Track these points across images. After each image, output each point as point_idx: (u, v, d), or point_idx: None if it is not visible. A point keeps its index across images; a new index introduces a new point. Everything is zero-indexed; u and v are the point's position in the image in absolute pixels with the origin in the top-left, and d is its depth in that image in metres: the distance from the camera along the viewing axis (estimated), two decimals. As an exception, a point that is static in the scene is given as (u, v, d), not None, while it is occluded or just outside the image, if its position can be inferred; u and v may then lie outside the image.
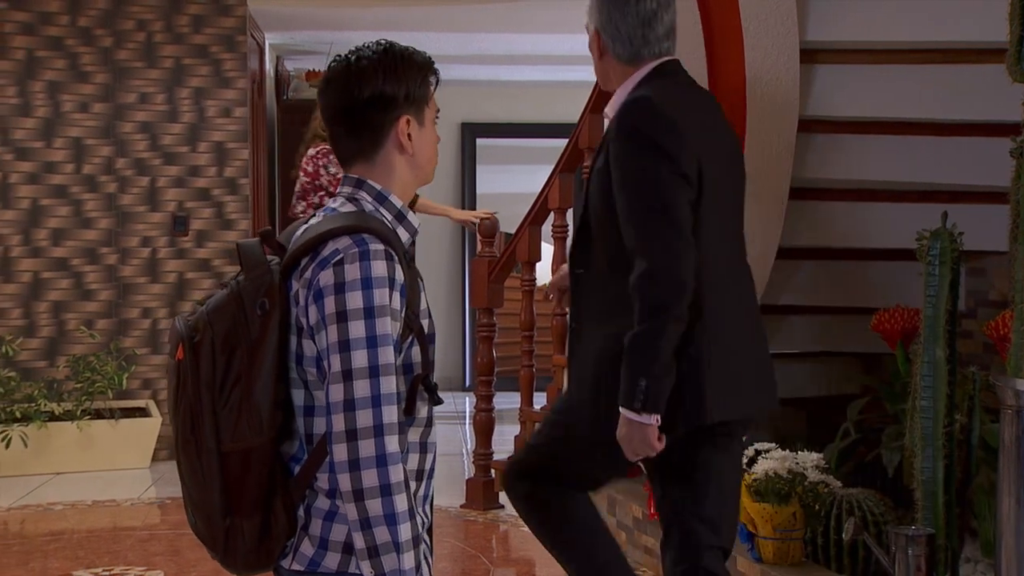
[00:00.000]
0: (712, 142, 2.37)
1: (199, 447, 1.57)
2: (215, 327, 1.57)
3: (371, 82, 1.65)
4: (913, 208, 3.41)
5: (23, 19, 5.47)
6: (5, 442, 5.08)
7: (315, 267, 1.57)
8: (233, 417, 1.56)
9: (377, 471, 1.52)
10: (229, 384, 1.56)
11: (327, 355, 1.56)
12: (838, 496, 3.02)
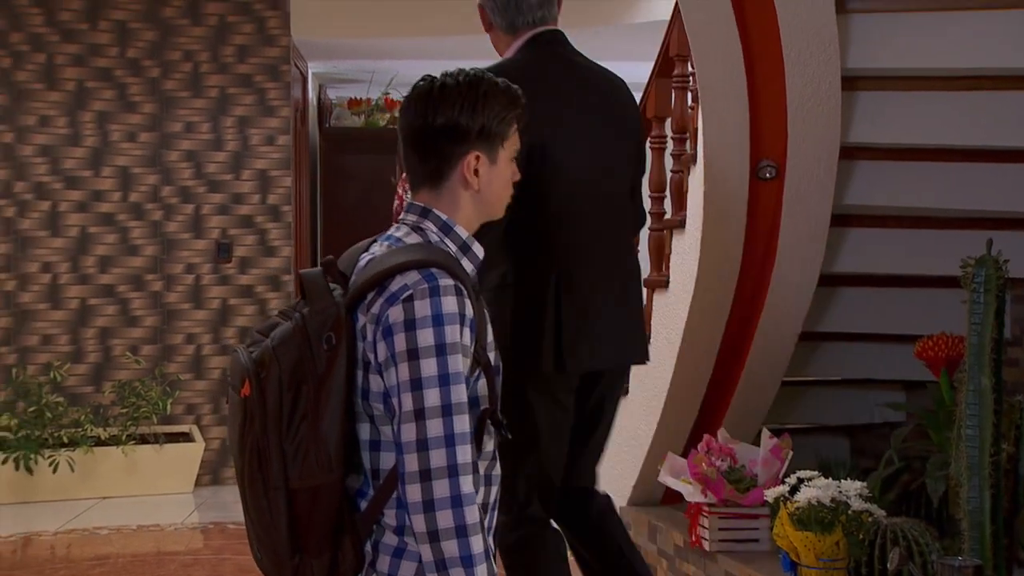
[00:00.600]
0: (571, 111, 2.44)
1: (266, 484, 1.54)
2: (281, 362, 1.54)
3: (447, 110, 1.62)
4: (957, 235, 3.39)
5: (74, 51, 5.59)
6: (53, 467, 5.16)
7: (384, 303, 1.54)
8: (301, 454, 1.52)
9: (452, 512, 1.50)
10: (296, 420, 1.53)
11: (397, 393, 1.53)
12: (882, 525, 2.99)
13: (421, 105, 1.64)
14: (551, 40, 2.51)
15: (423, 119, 1.63)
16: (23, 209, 5.54)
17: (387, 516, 1.58)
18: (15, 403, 5.35)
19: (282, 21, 5.75)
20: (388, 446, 1.57)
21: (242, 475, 1.57)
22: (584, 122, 2.48)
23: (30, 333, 5.54)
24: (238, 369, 1.57)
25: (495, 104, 1.64)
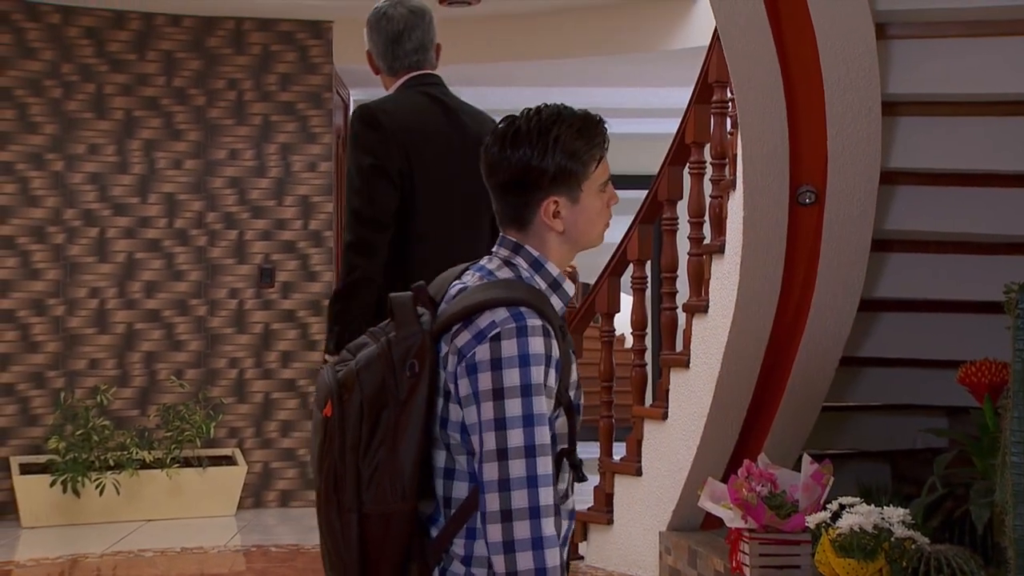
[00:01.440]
0: (433, 145, 2.76)
1: (340, 507, 1.54)
2: (364, 386, 1.54)
3: (518, 158, 1.62)
4: (1000, 260, 3.37)
5: (122, 80, 5.71)
6: (99, 489, 5.23)
7: (471, 339, 1.55)
8: (376, 479, 1.53)
9: (533, 554, 1.50)
10: (375, 445, 1.54)
11: (479, 431, 1.53)
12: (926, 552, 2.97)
13: (497, 151, 1.65)
14: (424, 82, 2.86)
15: (500, 163, 1.64)
16: (72, 236, 5.66)
17: (456, 546, 1.58)
18: (63, 426, 5.44)
19: (324, 50, 5.84)
20: (462, 475, 1.58)
21: (319, 495, 1.59)
22: (444, 154, 2.77)
23: (78, 357, 5.64)
24: (323, 388, 1.59)
25: (568, 145, 1.62)
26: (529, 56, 6.03)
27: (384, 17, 2.92)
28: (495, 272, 1.64)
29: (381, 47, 2.92)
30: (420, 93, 2.86)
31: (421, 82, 2.87)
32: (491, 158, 1.65)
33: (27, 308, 5.58)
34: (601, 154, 1.66)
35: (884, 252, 3.45)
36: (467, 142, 2.77)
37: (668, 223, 4.32)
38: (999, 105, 3.22)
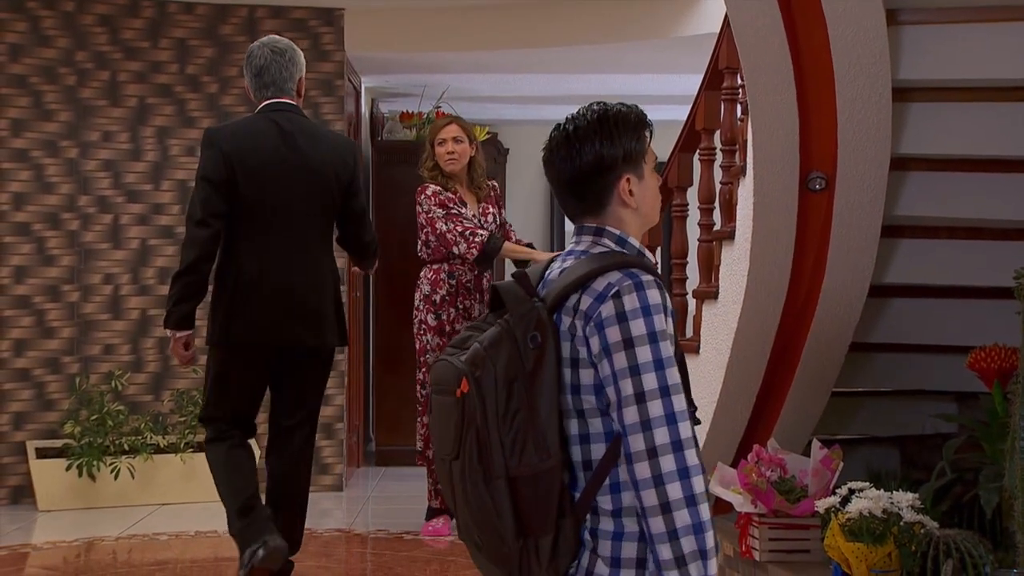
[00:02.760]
0: (283, 165, 3.50)
1: (488, 475, 1.66)
2: (495, 361, 1.67)
3: (590, 149, 1.78)
4: (1011, 246, 3.38)
5: (136, 68, 5.74)
6: (114, 473, 5.28)
7: (593, 301, 1.69)
8: (519, 444, 1.66)
9: (681, 483, 1.63)
10: (511, 413, 1.66)
11: (614, 381, 1.67)
12: (935, 537, 2.98)
13: (564, 151, 1.79)
14: (273, 109, 3.57)
15: (572, 164, 1.79)
16: (87, 222, 5.70)
17: (601, 502, 1.70)
18: (78, 411, 5.49)
19: (336, 37, 5.86)
20: (597, 438, 1.71)
21: (461, 470, 1.69)
22: (272, 168, 3.49)
23: (93, 343, 5.69)
24: (450, 372, 1.71)
25: (627, 128, 1.80)
26: (543, 43, 6.04)
27: (251, 55, 3.61)
28: (589, 252, 1.78)
29: (248, 80, 3.63)
30: (265, 118, 3.58)
31: (271, 109, 3.58)
32: (561, 159, 1.80)
33: (42, 294, 5.62)
34: (651, 132, 1.84)
35: (894, 238, 3.46)
36: (298, 159, 3.52)
37: (678, 209, 4.32)
38: (1011, 91, 3.22)
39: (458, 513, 1.75)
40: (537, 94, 7.32)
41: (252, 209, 3.47)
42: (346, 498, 5.66)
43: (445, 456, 1.74)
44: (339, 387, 5.84)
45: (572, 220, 1.85)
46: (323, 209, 3.56)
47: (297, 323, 3.53)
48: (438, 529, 4.74)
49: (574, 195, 1.81)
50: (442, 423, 1.73)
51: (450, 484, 1.74)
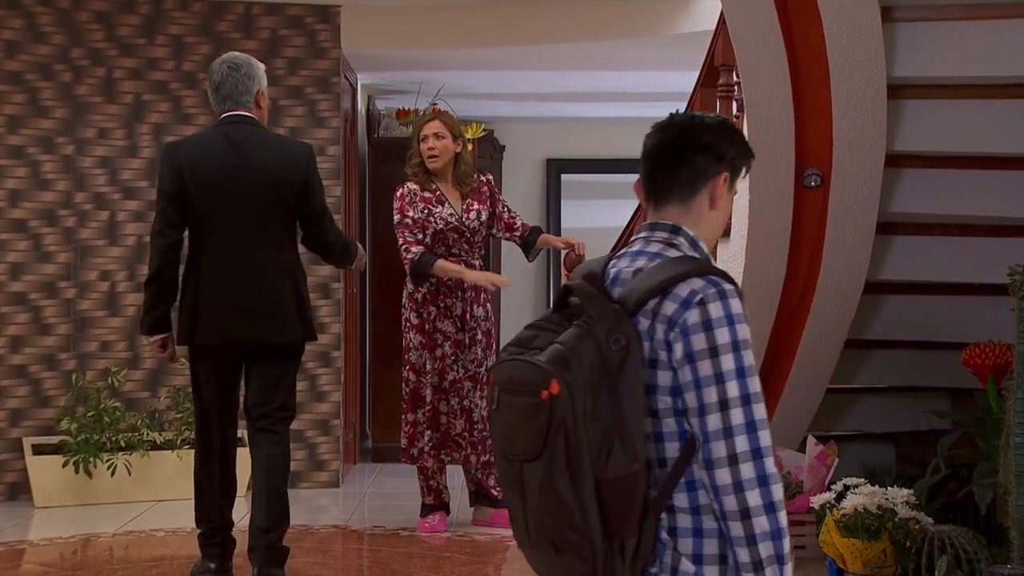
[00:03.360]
0: (231, 173, 3.74)
1: (575, 477, 1.66)
2: (583, 362, 1.67)
3: (711, 134, 1.81)
4: (1004, 243, 3.39)
5: (131, 65, 5.74)
6: (111, 470, 5.28)
7: (678, 307, 1.71)
8: (606, 447, 1.66)
9: (760, 491, 1.66)
10: (598, 416, 1.66)
11: (695, 388, 1.69)
12: (929, 533, 3.00)
13: (686, 126, 1.82)
14: (227, 121, 3.82)
15: (688, 136, 1.81)
16: (83, 219, 5.69)
17: (678, 500, 1.72)
18: (75, 408, 5.49)
19: (332, 34, 5.85)
20: (671, 436, 1.73)
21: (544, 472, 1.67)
22: (221, 176, 3.74)
23: (89, 340, 5.69)
24: (534, 373, 1.68)
25: (744, 145, 1.85)
26: (539, 40, 6.04)
27: (211, 71, 3.87)
28: (663, 253, 1.79)
29: (209, 94, 3.89)
30: (217, 130, 3.84)
31: (225, 121, 3.83)
32: (677, 133, 1.82)
33: (38, 291, 5.62)
34: (746, 170, 1.88)
35: (889, 235, 3.47)
36: (247, 167, 3.75)
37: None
38: (1005, 88, 3.23)
39: (527, 514, 1.72)
40: (533, 91, 7.32)
41: (207, 216, 3.73)
42: (342, 494, 5.66)
43: (516, 456, 1.71)
44: (335, 384, 5.84)
45: (653, 204, 1.83)
46: (277, 212, 3.78)
47: (254, 321, 3.73)
48: (434, 526, 4.74)
49: (671, 169, 1.81)
50: (517, 424, 1.70)
51: (519, 485, 1.72)
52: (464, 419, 4.65)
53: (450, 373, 4.65)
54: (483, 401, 4.66)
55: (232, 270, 3.74)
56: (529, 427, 1.68)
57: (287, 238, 3.83)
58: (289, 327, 3.77)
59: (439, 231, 4.64)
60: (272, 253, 3.77)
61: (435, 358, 4.64)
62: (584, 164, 8.20)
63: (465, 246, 4.69)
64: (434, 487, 4.77)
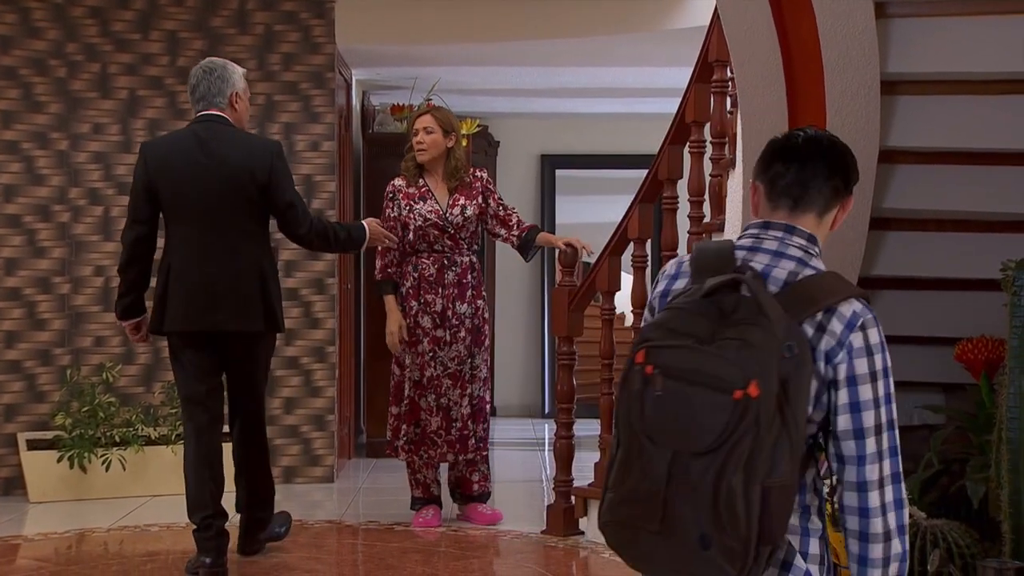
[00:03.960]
0: (195, 170, 3.94)
1: (749, 479, 1.65)
2: (771, 366, 1.67)
3: (852, 160, 1.90)
4: (998, 238, 3.40)
5: (126, 60, 5.73)
6: (105, 465, 5.29)
7: (844, 328, 1.76)
8: (779, 453, 1.67)
9: (899, 513, 1.77)
10: (777, 420, 1.68)
11: (855, 410, 1.75)
12: (922, 527, 3.01)
13: (837, 145, 1.89)
14: (199, 120, 4.05)
15: (841, 156, 1.88)
16: (78, 214, 5.69)
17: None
18: (70, 403, 5.49)
19: (327, 30, 5.85)
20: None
21: (717, 470, 1.67)
22: (187, 171, 3.96)
23: (84, 335, 5.69)
24: (729, 371, 1.67)
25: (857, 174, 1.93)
26: (534, 36, 6.04)
27: (189, 75, 4.11)
28: (807, 262, 1.83)
29: (189, 94, 4.11)
30: (188, 129, 4.10)
31: (196, 120, 4.07)
32: (836, 151, 1.88)
33: (33, 286, 5.62)
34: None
35: (883, 230, 3.48)
36: (213, 163, 3.95)
37: (668, 202, 4.34)
38: (998, 84, 3.24)
39: (668, 503, 1.70)
40: (528, 87, 7.33)
41: (175, 210, 3.97)
42: (337, 489, 5.67)
43: (671, 446, 1.69)
44: (330, 379, 5.85)
45: (791, 206, 1.86)
46: (241, 206, 3.98)
47: (219, 310, 3.94)
48: (428, 520, 4.76)
49: (825, 180, 1.85)
50: (694, 415, 1.68)
51: (664, 476, 1.70)
52: (441, 417, 4.65)
53: (428, 369, 4.65)
54: (464, 399, 4.66)
55: (199, 262, 3.94)
56: (712, 422, 1.66)
57: (254, 232, 4.01)
58: (252, 317, 3.96)
59: (419, 227, 4.66)
60: (238, 244, 3.97)
61: (416, 353, 4.67)
62: (578, 160, 8.21)
63: (448, 242, 4.69)
64: (421, 480, 4.79)
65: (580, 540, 4.53)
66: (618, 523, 1.77)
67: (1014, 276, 2.77)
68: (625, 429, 1.76)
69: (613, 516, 1.78)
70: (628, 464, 1.75)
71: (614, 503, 1.77)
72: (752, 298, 1.72)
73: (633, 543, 1.77)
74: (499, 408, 8.18)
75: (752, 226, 1.90)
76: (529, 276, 8.21)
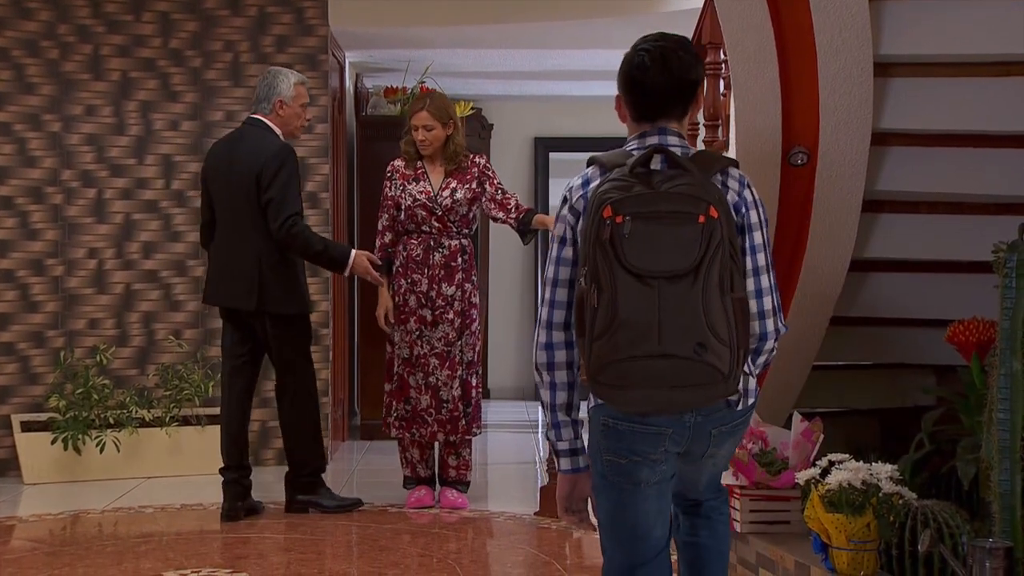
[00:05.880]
0: (223, 167, 4.60)
1: (724, 290, 2.08)
2: (716, 194, 2.12)
3: (695, 63, 2.27)
4: (989, 220, 3.41)
5: (119, 42, 5.71)
6: (100, 447, 5.29)
7: (739, 185, 2.24)
8: (735, 271, 2.10)
9: (777, 337, 2.29)
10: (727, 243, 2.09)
11: (753, 252, 2.21)
12: (913, 508, 3.03)
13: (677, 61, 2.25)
14: (246, 122, 4.68)
15: (684, 71, 2.25)
16: (70, 196, 5.68)
17: None
18: (63, 385, 5.50)
19: (320, 11, 5.83)
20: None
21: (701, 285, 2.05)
22: (220, 172, 4.61)
23: (77, 317, 5.68)
24: (687, 202, 2.08)
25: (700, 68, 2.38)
26: (527, 19, 6.03)
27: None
28: (686, 147, 2.27)
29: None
30: (236, 130, 4.72)
31: (244, 122, 4.70)
32: (676, 67, 2.24)
33: (26, 268, 5.61)
34: None
35: (875, 213, 3.49)
36: (234, 163, 4.55)
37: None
38: (991, 66, 3.25)
39: (662, 326, 2.04)
40: (522, 70, 7.31)
41: (215, 204, 4.65)
42: (331, 471, 5.68)
43: (661, 274, 2.04)
44: (324, 361, 5.85)
45: (652, 119, 2.26)
46: (248, 202, 4.53)
47: (223, 289, 4.61)
48: (421, 499, 4.79)
49: (681, 99, 2.25)
50: (668, 244, 2.05)
51: (655, 301, 2.03)
52: (430, 395, 4.70)
53: (416, 347, 4.71)
54: (455, 381, 4.69)
55: (218, 248, 4.64)
56: (687, 247, 2.05)
57: (257, 224, 4.53)
58: (244, 296, 4.54)
59: (408, 207, 4.73)
60: (245, 235, 4.55)
61: (404, 331, 4.72)
62: (572, 143, 8.20)
63: (436, 224, 4.72)
64: (409, 459, 4.83)
65: (573, 521, 4.55)
66: (618, 361, 2.06)
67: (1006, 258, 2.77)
68: (607, 275, 2.07)
69: (614, 355, 2.06)
70: (615, 304, 2.06)
71: (610, 342, 2.06)
72: (670, 164, 2.15)
73: (633, 375, 2.06)
74: (493, 390, 8.20)
75: (632, 140, 2.30)
76: (523, 258, 8.22)
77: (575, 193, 2.26)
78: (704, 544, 2.45)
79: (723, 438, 2.26)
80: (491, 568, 4.05)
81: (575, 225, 2.22)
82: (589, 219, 2.11)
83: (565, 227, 2.24)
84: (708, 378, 2.07)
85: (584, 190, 2.24)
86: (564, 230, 2.24)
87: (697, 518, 2.48)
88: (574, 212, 2.24)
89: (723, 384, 2.09)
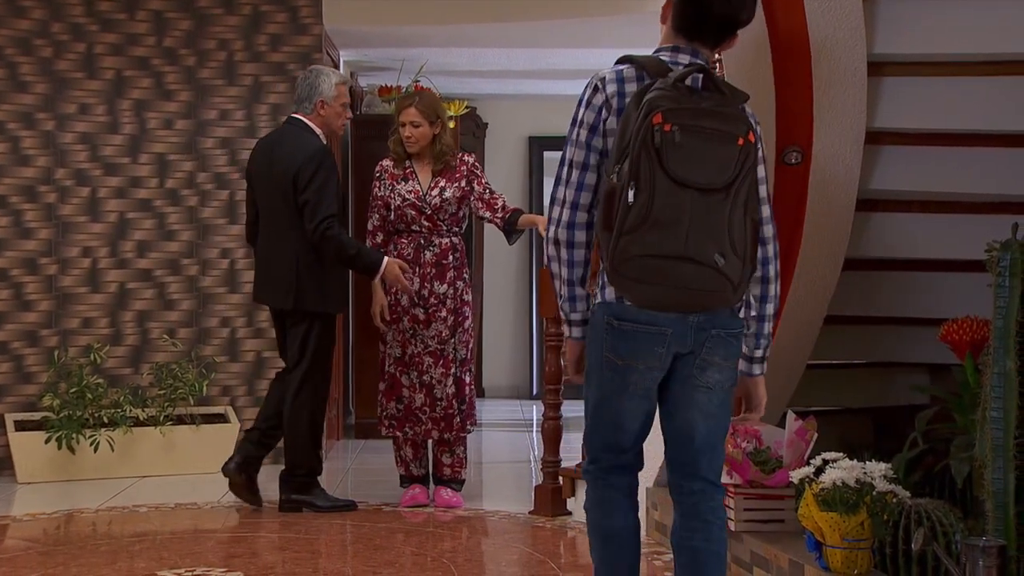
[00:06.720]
0: (264, 167, 4.65)
1: (749, 208, 2.28)
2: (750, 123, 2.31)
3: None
4: (983, 219, 3.42)
5: (112, 40, 5.70)
6: (94, 446, 5.28)
7: (753, 121, 2.39)
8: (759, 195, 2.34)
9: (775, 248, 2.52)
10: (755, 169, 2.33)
11: (762, 183, 2.40)
12: (907, 506, 3.03)
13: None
14: (287, 121, 4.72)
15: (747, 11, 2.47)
16: (64, 195, 5.67)
17: None
18: (57, 384, 5.49)
19: (314, 10, 5.82)
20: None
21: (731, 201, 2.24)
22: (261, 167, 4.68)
23: (71, 316, 5.67)
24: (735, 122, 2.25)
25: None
26: (521, 18, 6.03)
27: None
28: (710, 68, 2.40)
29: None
30: (277, 130, 4.79)
31: (285, 121, 4.74)
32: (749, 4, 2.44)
33: (20, 267, 5.60)
34: None
35: (869, 212, 3.49)
36: (272, 163, 4.60)
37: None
38: (984, 65, 3.25)
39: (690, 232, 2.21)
40: (516, 68, 7.31)
41: (259, 202, 4.72)
42: (326, 470, 5.66)
43: (697, 185, 2.20)
44: (318, 361, 5.84)
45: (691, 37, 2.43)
46: (284, 201, 4.57)
47: (262, 287, 4.71)
48: (416, 497, 4.79)
49: (726, 31, 2.44)
50: (710, 158, 2.21)
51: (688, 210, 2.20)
52: (424, 394, 4.70)
53: (410, 346, 4.72)
54: (449, 379, 4.69)
55: (260, 247, 4.74)
56: (724, 165, 2.22)
57: (295, 224, 4.55)
58: (282, 295, 4.60)
59: (398, 207, 4.74)
60: (284, 234, 4.60)
61: (397, 330, 4.73)
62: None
63: (426, 223, 4.73)
64: (403, 458, 4.83)
65: (568, 520, 4.56)
66: (643, 256, 2.22)
67: (999, 257, 2.78)
68: (647, 177, 2.20)
69: (641, 251, 2.22)
70: (650, 205, 2.20)
71: (639, 239, 2.22)
72: (704, 85, 2.29)
73: (656, 272, 2.23)
74: (487, 389, 8.20)
75: (663, 49, 2.45)
76: (517, 257, 8.22)
77: (609, 87, 2.39)
78: (699, 547, 2.45)
79: (718, 343, 2.36)
80: (486, 567, 4.05)
81: (606, 120, 2.37)
82: (636, 121, 2.22)
83: (597, 116, 2.39)
84: (720, 285, 2.26)
85: (621, 87, 2.38)
86: (595, 119, 2.39)
87: (694, 520, 2.47)
88: (608, 107, 2.37)
89: (732, 292, 2.29)
